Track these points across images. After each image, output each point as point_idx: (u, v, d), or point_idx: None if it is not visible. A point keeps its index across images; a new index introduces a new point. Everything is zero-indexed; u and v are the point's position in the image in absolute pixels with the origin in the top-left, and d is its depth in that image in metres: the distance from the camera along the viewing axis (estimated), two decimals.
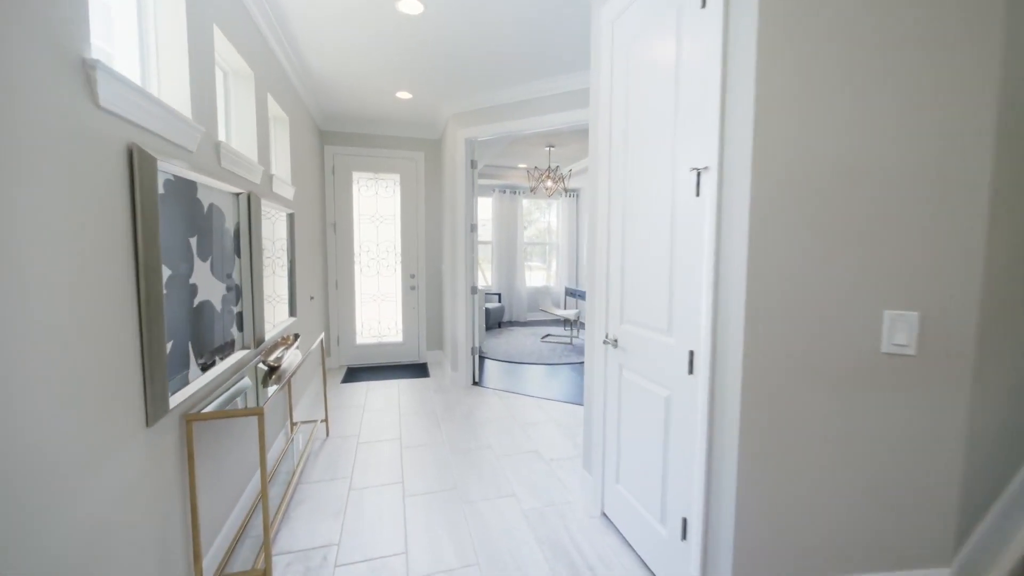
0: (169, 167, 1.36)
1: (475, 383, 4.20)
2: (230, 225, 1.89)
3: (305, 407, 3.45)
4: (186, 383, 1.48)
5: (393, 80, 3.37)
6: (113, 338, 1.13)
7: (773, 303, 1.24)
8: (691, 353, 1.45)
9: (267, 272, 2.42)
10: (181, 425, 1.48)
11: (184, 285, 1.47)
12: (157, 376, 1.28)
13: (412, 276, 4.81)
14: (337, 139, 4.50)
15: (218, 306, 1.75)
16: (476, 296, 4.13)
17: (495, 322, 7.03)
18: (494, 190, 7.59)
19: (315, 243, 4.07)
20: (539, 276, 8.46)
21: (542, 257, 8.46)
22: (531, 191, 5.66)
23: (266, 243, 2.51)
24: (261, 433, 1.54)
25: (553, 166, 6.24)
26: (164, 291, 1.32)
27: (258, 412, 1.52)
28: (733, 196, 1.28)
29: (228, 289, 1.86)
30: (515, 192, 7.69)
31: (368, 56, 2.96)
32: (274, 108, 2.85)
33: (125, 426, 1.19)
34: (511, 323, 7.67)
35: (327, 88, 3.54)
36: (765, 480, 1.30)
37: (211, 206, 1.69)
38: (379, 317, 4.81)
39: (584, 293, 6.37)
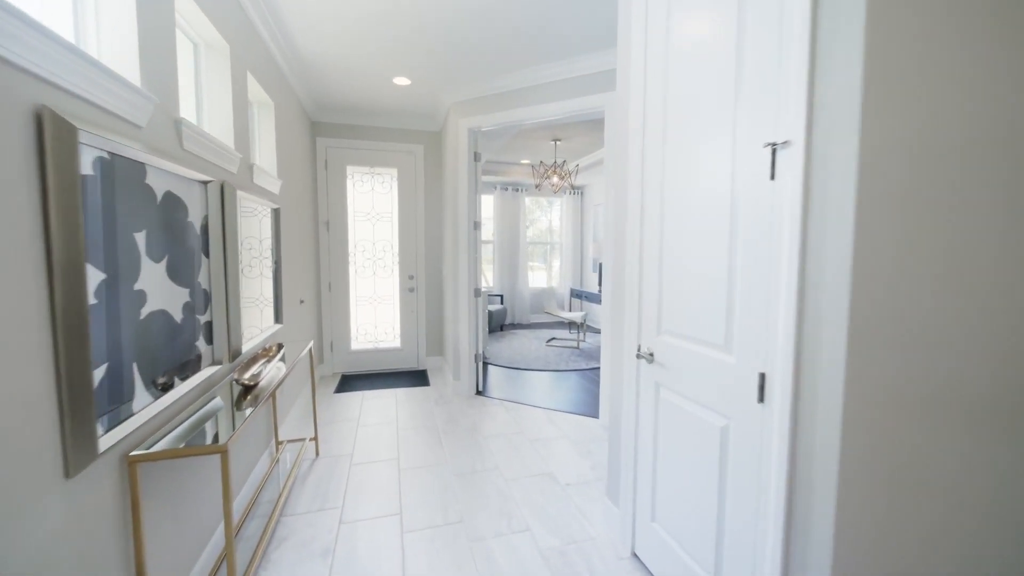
0: (101, 142, 1.06)
1: (479, 392, 3.91)
2: (195, 219, 1.60)
3: (293, 422, 3.15)
4: (130, 415, 1.19)
5: (390, 64, 3.08)
6: (13, 366, 0.84)
7: (889, 314, 0.96)
8: (761, 377, 1.16)
9: (252, 274, 2.13)
10: (122, 468, 1.18)
11: (127, 293, 1.18)
12: (80, 413, 0.98)
13: (411, 277, 4.52)
14: (330, 131, 4.20)
15: (178, 316, 1.46)
16: (480, 299, 3.83)
17: (497, 325, 6.74)
18: (496, 187, 7.30)
19: (306, 242, 3.77)
20: (542, 277, 8.17)
21: (545, 257, 8.17)
22: (536, 187, 5.37)
23: (250, 241, 2.21)
24: (225, 477, 1.24)
25: (559, 161, 5.95)
26: (92, 300, 1.03)
27: (220, 450, 1.23)
28: (829, 177, 0.99)
29: (193, 295, 1.57)
30: (518, 189, 7.39)
31: (362, 36, 2.66)
32: (256, 91, 2.55)
33: (31, 483, 0.89)
34: (514, 326, 7.38)
35: (318, 73, 3.24)
36: (876, 550, 1.01)
37: (168, 195, 1.40)
38: (375, 321, 4.51)
39: (591, 295, 6.09)
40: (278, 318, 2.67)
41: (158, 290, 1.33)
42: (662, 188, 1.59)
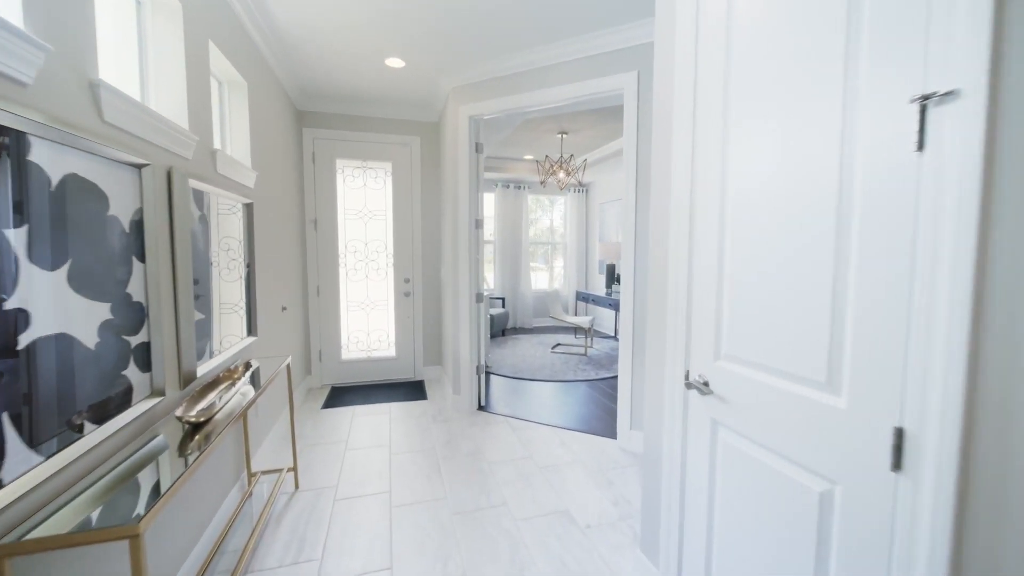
0: None
1: (481, 407, 3.55)
2: (121, 212, 1.24)
3: (272, 447, 2.79)
4: None
5: (381, 41, 2.72)
6: None
7: None
8: (898, 433, 0.81)
9: (229, 278, 1.77)
10: None
11: None
12: None
13: (406, 281, 4.16)
14: (318, 120, 3.85)
15: (90, 340, 1.10)
16: (482, 305, 3.48)
17: (499, 329, 6.39)
18: (497, 184, 6.95)
19: (291, 243, 3.42)
20: (545, 279, 7.82)
21: (547, 258, 7.82)
22: (541, 184, 5.03)
23: (228, 242, 1.86)
24: (138, 572, 0.88)
25: (566, 156, 5.59)
26: None
27: (130, 533, 0.87)
28: None
29: (117, 311, 1.21)
30: (520, 187, 7.04)
31: (349, 7, 2.31)
32: (224, 67, 2.20)
33: None
34: (516, 330, 7.03)
35: (300, 52, 2.89)
36: None
37: (71, 180, 1.04)
38: (368, 328, 4.15)
39: (599, 298, 5.74)
40: (251, 329, 2.32)
41: (52, 308, 0.98)
42: (723, 178, 1.23)
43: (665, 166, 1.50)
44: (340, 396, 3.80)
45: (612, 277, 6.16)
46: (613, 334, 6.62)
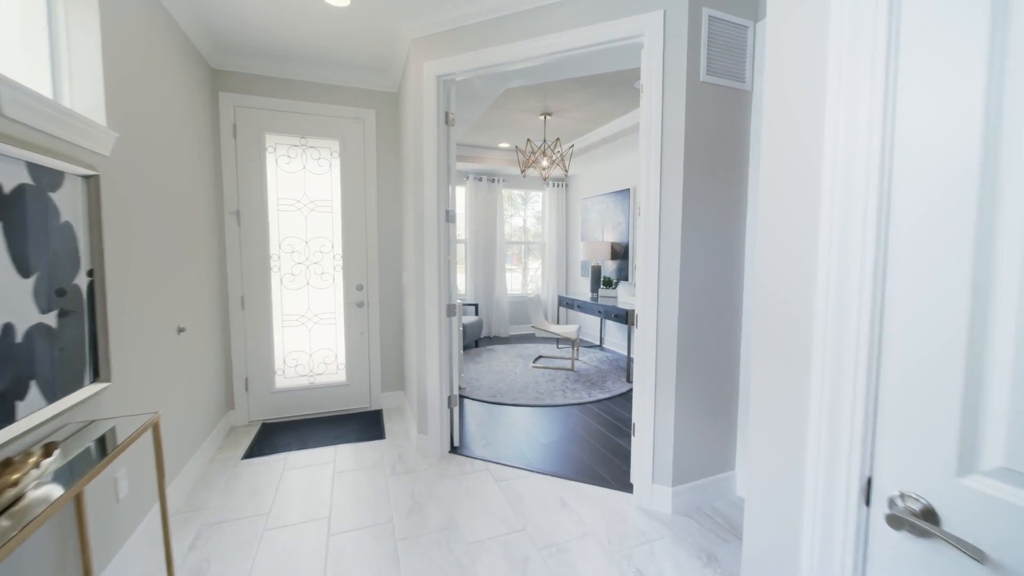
0: None
1: (453, 449, 2.81)
2: None
3: (143, 549, 1.95)
4: None
5: None
6: None
7: None
8: None
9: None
10: None
11: None
12: None
13: (359, 288, 3.36)
14: (239, 83, 3.00)
15: None
16: (455, 320, 2.74)
17: (472, 340, 5.64)
18: (468, 177, 6.20)
19: (201, 240, 2.57)
20: (520, 281, 7.13)
21: (523, 259, 7.14)
22: (521, 174, 4.33)
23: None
24: None
25: (549, 141, 4.91)
26: None
27: None
28: None
29: None
30: (494, 180, 6.32)
31: None
32: None
33: None
34: (492, 340, 6.30)
35: None
36: None
37: None
38: (311, 348, 3.33)
39: (584, 303, 5.10)
40: (97, 372, 1.50)
41: None
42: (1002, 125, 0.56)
43: (807, 115, 0.82)
44: (272, 437, 2.96)
45: (597, 280, 5.53)
46: (599, 343, 6.00)
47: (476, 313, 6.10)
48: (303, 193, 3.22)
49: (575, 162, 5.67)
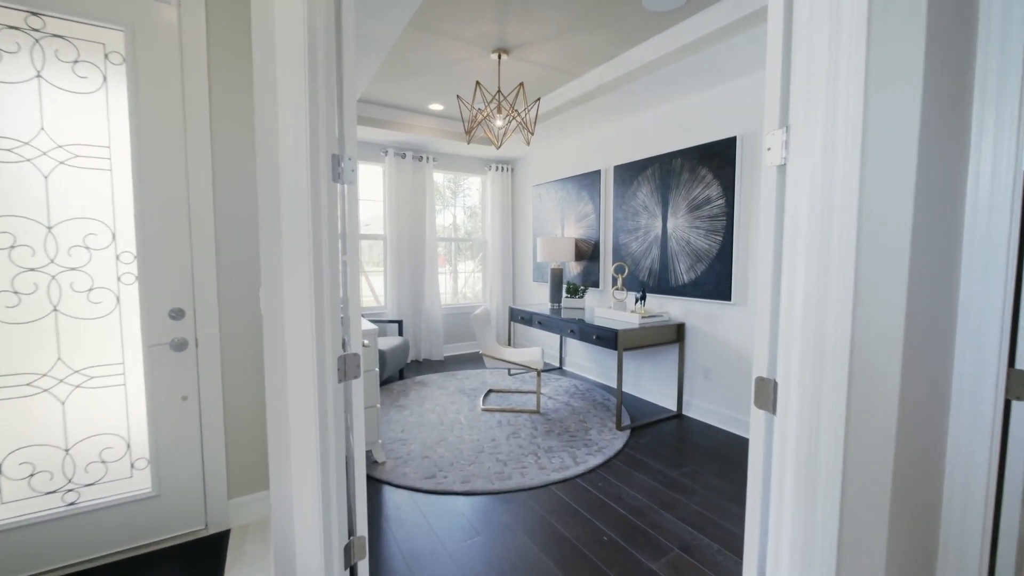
0: None
1: None
2: None
3: None
4: None
5: None
6: None
7: None
8: None
9: None
10: None
11: None
12: None
13: (176, 315, 1.80)
14: None
15: None
16: (356, 383, 1.33)
17: (395, 370, 4.15)
18: (386, 152, 4.69)
19: None
20: (455, 288, 5.74)
21: (452, 261, 5.76)
22: (466, 134, 2.97)
23: None
24: None
25: (507, 91, 3.59)
26: None
27: None
28: None
29: None
30: (423, 157, 4.88)
31: None
32: None
33: None
34: (421, 366, 4.84)
35: None
36: None
37: None
38: (66, 435, 1.69)
39: (546, 318, 3.86)
40: None
41: None
42: None
43: None
44: None
45: (559, 287, 4.34)
46: (558, 364, 4.81)
47: (400, 332, 4.61)
48: (38, 129, 1.59)
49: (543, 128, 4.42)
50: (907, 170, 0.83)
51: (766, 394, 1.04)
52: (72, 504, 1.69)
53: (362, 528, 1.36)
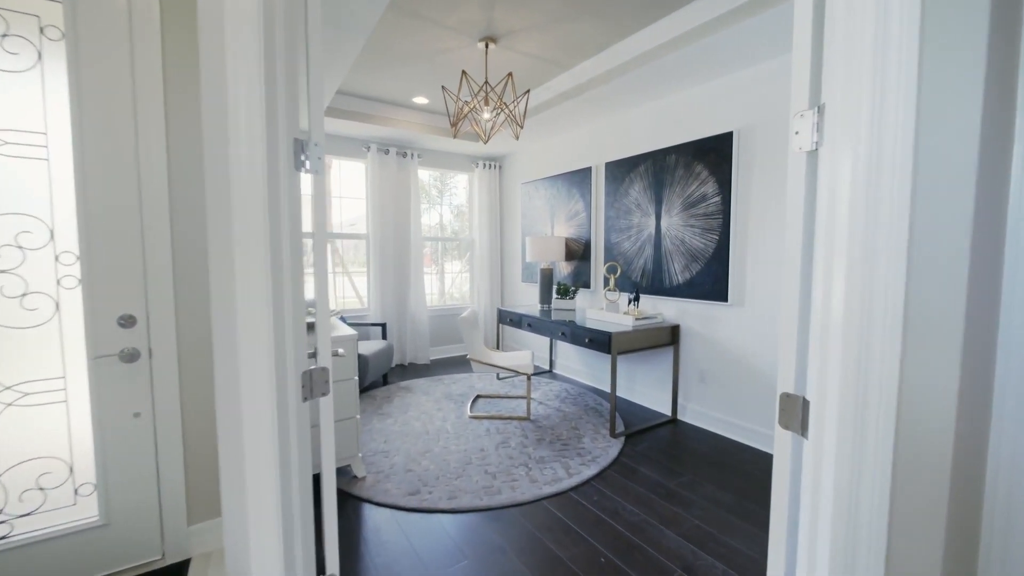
0: None
1: None
2: None
3: None
4: None
5: None
6: None
7: None
8: None
9: None
10: None
11: None
12: None
13: (125, 323, 1.61)
14: None
15: None
16: (330, 400, 1.16)
17: (379, 375, 3.97)
18: (369, 147, 4.50)
19: None
20: (441, 289, 5.58)
21: (448, 260, 5.60)
22: (452, 127, 2.81)
23: None
24: None
25: (495, 83, 3.43)
26: None
27: None
28: None
29: None
30: (407, 153, 4.70)
31: None
32: None
33: None
34: (407, 370, 4.66)
35: None
36: None
37: None
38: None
39: (536, 320, 3.72)
40: None
41: None
42: None
43: None
44: None
45: (549, 288, 4.21)
46: (548, 367, 4.68)
47: (384, 336, 4.42)
48: None
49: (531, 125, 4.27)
50: (969, 155, 0.70)
51: (793, 413, 0.91)
52: (3, 538, 1.49)
53: (333, 565, 1.20)
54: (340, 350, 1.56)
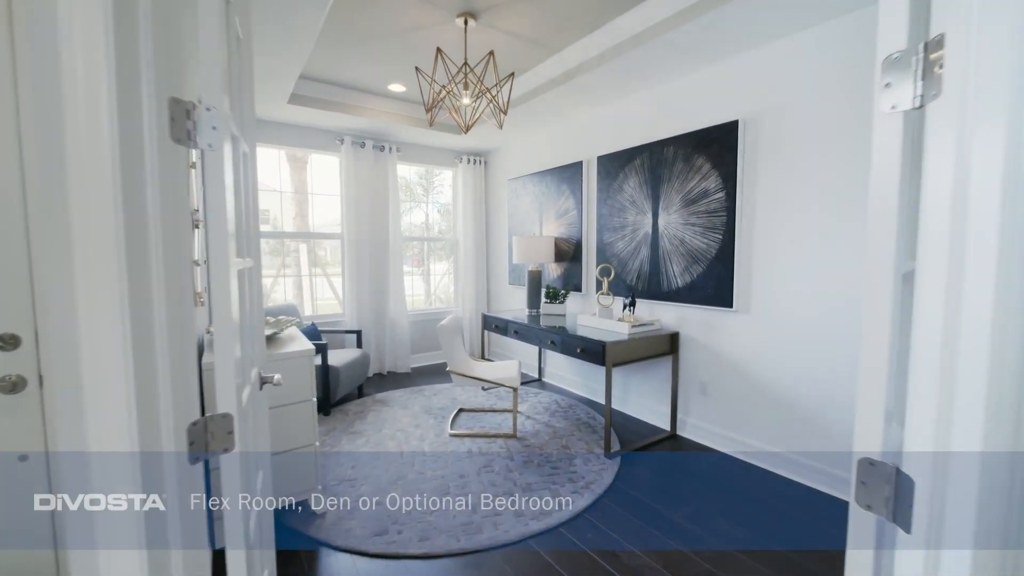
0: None
1: None
2: None
3: None
4: None
5: None
6: None
7: None
8: None
9: None
10: None
11: None
12: None
13: (5, 343, 1.28)
14: None
15: None
16: (235, 456, 0.86)
17: (352, 387, 3.66)
18: (342, 139, 4.17)
19: None
20: (426, 293, 5.27)
21: (434, 261, 5.29)
22: (426, 112, 2.51)
23: None
24: None
25: (475, 64, 3.12)
26: None
27: None
28: None
29: None
30: (384, 147, 4.37)
31: None
32: None
33: None
34: (384, 380, 4.34)
35: None
36: None
37: None
38: None
39: (523, 327, 3.44)
40: None
41: None
42: None
43: None
44: None
45: (537, 291, 3.93)
46: (537, 375, 4.39)
47: (359, 344, 4.10)
48: None
49: (517, 113, 3.97)
50: None
51: (884, 493, 0.62)
52: None
53: None
54: (276, 377, 1.28)
